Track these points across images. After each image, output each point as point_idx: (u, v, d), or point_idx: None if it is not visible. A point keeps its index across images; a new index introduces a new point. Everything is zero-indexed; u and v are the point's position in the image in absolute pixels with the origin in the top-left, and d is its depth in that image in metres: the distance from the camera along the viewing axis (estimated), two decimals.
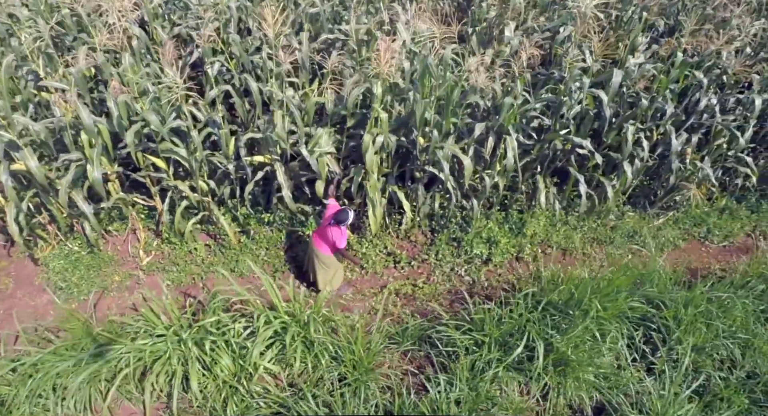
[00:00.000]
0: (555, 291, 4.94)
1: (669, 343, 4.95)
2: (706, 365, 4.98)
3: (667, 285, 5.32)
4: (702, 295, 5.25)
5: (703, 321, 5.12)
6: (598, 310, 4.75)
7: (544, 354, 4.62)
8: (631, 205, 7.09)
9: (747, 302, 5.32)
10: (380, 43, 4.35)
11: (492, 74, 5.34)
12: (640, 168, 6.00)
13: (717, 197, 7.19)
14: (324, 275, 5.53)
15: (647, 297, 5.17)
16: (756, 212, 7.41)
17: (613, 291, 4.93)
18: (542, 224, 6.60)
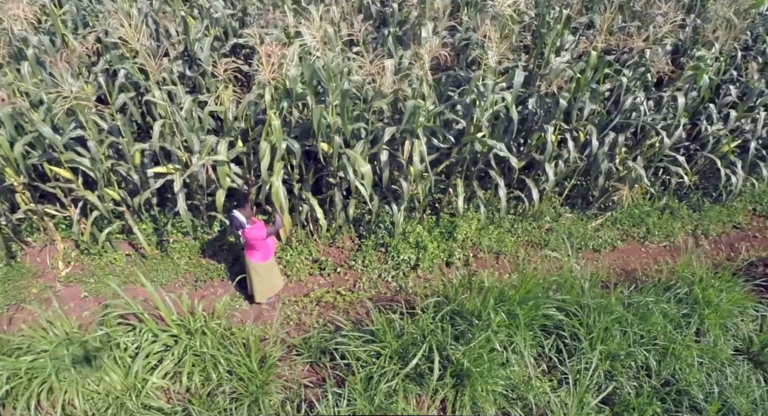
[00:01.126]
0: (456, 300, 4.73)
1: (578, 352, 4.73)
2: (621, 373, 4.76)
3: (584, 290, 5.09)
4: (618, 301, 5.03)
5: (619, 327, 4.90)
6: (503, 319, 4.54)
7: (446, 365, 4.45)
8: (570, 206, 6.88)
9: (667, 307, 5.08)
10: (263, 48, 4.15)
11: (407, 77, 5.16)
12: (565, 170, 5.78)
13: (657, 196, 6.95)
14: (258, 284, 5.36)
15: (561, 304, 4.95)
16: (698, 211, 7.16)
17: (522, 299, 4.72)
18: (473, 227, 6.39)
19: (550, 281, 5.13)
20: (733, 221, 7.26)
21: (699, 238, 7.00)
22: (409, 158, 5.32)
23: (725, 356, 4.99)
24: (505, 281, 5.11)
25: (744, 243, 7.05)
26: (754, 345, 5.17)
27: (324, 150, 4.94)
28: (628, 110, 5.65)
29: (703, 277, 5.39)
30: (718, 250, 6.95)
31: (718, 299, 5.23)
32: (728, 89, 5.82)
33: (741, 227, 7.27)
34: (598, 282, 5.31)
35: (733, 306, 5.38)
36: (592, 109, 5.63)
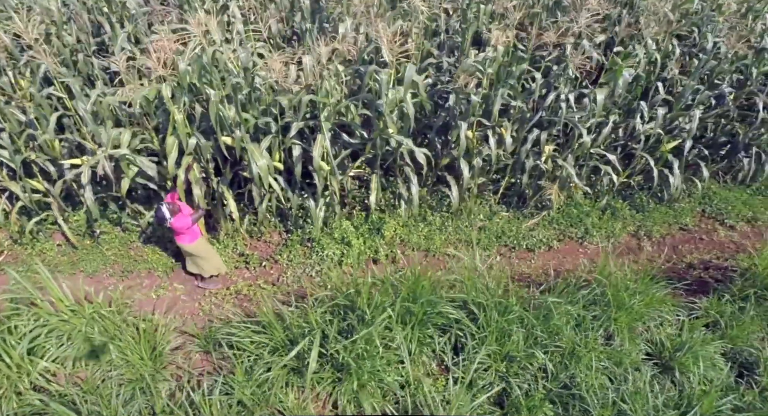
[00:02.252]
0: (345, 295, 4.66)
1: (471, 351, 4.60)
2: (516, 375, 4.61)
3: (488, 289, 4.96)
4: (519, 301, 4.88)
5: (519, 328, 4.75)
6: (389, 315, 4.46)
7: (331, 360, 4.40)
8: (506, 205, 6.72)
9: (571, 308, 4.90)
10: (151, 45, 4.17)
11: (322, 71, 5.12)
12: (483, 167, 5.65)
13: (596, 196, 6.74)
14: (195, 267, 5.46)
15: (459, 303, 4.84)
16: (641, 211, 6.92)
17: (413, 296, 4.62)
18: (401, 224, 6.31)
19: (450, 279, 5.01)
20: (679, 222, 6.99)
21: (641, 239, 6.76)
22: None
23: (632, 360, 4.80)
24: (403, 278, 5.00)
25: (689, 245, 6.79)
26: (666, 350, 4.95)
27: (228, 144, 4.94)
28: (550, 106, 5.49)
29: (618, 279, 5.19)
30: (660, 252, 6.70)
31: (631, 301, 5.03)
32: (658, 87, 5.60)
33: (688, 229, 6.99)
34: (505, 282, 5.15)
35: (648, 309, 5.18)
36: (516, 106, 5.50)
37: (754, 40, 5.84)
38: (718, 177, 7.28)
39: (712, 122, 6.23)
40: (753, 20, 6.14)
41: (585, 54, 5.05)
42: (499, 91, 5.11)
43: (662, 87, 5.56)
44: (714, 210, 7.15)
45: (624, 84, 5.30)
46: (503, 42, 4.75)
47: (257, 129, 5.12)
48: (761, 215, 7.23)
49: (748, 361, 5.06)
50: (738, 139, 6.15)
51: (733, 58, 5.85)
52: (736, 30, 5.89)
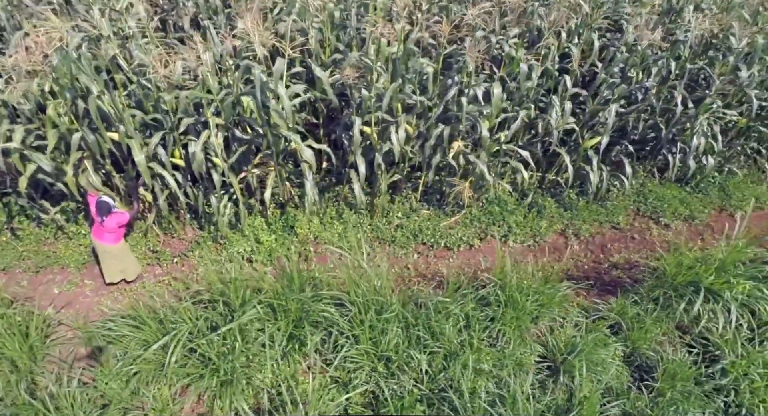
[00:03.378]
0: (218, 292, 4.54)
1: (341, 350, 4.44)
2: (393, 375, 4.43)
3: (376, 289, 4.78)
4: (400, 300, 4.70)
5: (398, 327, 4.57)
6: (257, 312, 4.32)
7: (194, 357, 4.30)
8: (426, 202, 6.52)
9: (454, 308, 4.68)
10: (21, 41, 4.11)
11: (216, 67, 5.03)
12: (394, 163, 5.46)
13: (520, 193, 6.52)
14: (110, 266, 5.40)
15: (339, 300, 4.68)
16: (570, 209, 6.65)
17: (284, 293, 4.49)
18: (316, 222, 6.17)
19: (336, 277, 4.86)
20: (611, 221, 6.71)
21: (569, 238, 6.51)
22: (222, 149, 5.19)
23: (520, 362, 4.58)
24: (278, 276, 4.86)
25: (619, 245, 6.51)
26: (559, 352, 4.72)
27: (115, 140, 4.86)
28: (454, 101, 5.30)
29: (514, 279, 4.96)
30: (588, 251, 6.45)
31: (524, 302, 4.81)
32: (565, 81, 5.35)
33: (620, 228, 6.71)
34: (396, 280, 4.98)
35: (546, 310, 4.95)
36: (418, 101, 5.31)
37: (681, 34, 5.56)
38: (654, 174, 6.98)
39: (635, 117, 5.95)
40: (676, 14, 5.85)
41: (479, 47, 4.83)
42: (391, 85, 4.92)
43: (570, 81, 5.30)
44: (649, 208, 6.86)
45: (523, 77, 5.07)
46: (388, 34, 4.57)
47: (149, 125, 5.03)
48: (699, 214, 6.92)
49: (648, 365, 4.81)
50: (662, 135, 5.86)
51: (653, 51, 5.58)
52: (659, 23, 5.63)
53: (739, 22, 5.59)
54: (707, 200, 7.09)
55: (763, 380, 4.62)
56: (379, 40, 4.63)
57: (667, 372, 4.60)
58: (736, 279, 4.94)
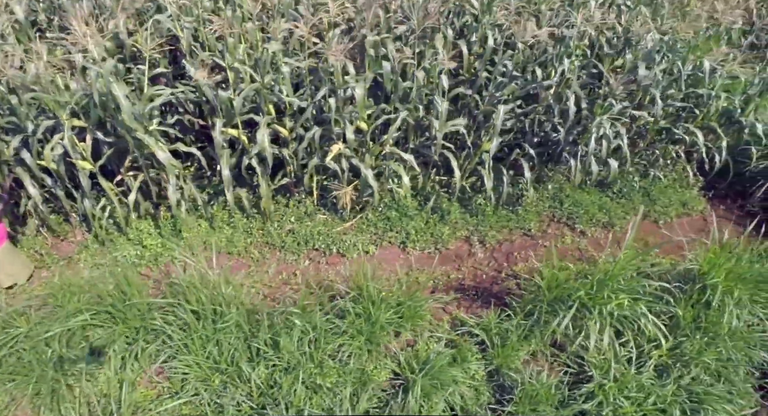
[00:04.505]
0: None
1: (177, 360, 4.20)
2: (226, 386, 4.17)
3: (224, 299, 4.52)
4: (242, 308, 4.42)
5: (238, 338, 4.29)
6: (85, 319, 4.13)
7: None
8: (323, 207, 6.21)
9: (298, 321, 4.36)
10: None
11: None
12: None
13: (424, 197, 6.14)
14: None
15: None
16: (477, 215, 6.25)
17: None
18: (204, 226, 5.93)
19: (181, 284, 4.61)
20: (522, 227, 6.29)
21: (474, 245, 6.12)
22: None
23: (363, 379, 4.26)
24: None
25: (526, 253, 6.09)
26: (409, 369, 4.37)
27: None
28: (323, 102, 4.98)
29: (373, 289, 4.63)
30: (492, 259, 6.04)
31: (384, 314, 4.48)
32: (442, 80, 4.96)
33: (531, 235, 6.29)
34: (256, 289, 4.70)
35: (409, 324, 4.61)
36: (288, 102, 5.01)
37: (567, 30, 5.11)
38: (569, 179, 6.51)
39: (533, 119, 5.53)
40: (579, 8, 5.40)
41: (342, 44, 4.50)
42: (249, 86, 4.63)
43: (446, 80, 4.91)
44: (564, 214, 6.41)
45: (387, 76, 4.71)
46: (229, 33, 4.28)
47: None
48: (619, 220, 6.43)
49: (510, 386, 4.42)
50: (560, 137, 5.42)
51: (541, 49, 5.15)
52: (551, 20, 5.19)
53: (639, 17, 5.10)
54: (630, 206, 6.59)
55: (634, 406, 4.19)
56: (226, 40, 4.35)
57: (526, 393, 4.22)
58: (615, 294, 4.50)
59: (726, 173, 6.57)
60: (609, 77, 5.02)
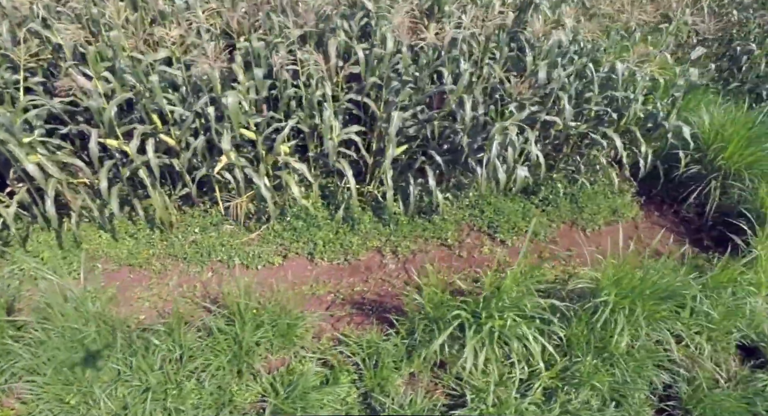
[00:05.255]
0: None
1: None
2: (89, 410, 3.97)
3: (86, 313, 4.31)
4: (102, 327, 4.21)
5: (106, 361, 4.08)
6: None
7: None
8: (230, 216, 5.97)
9: (159, 342, 4.15)
10: None
11: None
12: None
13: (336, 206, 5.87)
14: None
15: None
16: (390, 225, 5.96)
17: None
18: (105, 237, 5.73)
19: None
20: (439, 237, 6.00)
21: (386, 256, 5.85)
22: None
23: (228, 400, 4.02)
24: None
25: (441, 264, 5.80)
26: (274, 393, 4.12)
27: None
28: (203, 111, 4.74)
29: (242, 307, 4.38)
30: (403, 270, 5.77)
31: (254, 332, 4.24)
32: (325, 88, 4.69)
33: (448, 245, 5.99)
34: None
35: (282, 343, 4.36)
36: (171, 110, 4.79)
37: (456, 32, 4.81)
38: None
39: (437, 125, 5.23)
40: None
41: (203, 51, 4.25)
42: (119, 95, 4.41)
43: (329, 86, 4.64)
44: (485, 223, 6.11)
45: (259, 83, 4.45)
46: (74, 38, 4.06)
47: None
48: (542, 229, 6.12)
49: (378, 409, 4.15)
50: (463, 143, 5.13)
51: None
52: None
53: (537, 15, 4.77)
54: (556, 214, 6.27)
55: None
56: (87, 49, 4.13)
57: None
58: (501, 312, 4.21)
59: (660, 177, 6.25)
60: (505, 81, 4.70)
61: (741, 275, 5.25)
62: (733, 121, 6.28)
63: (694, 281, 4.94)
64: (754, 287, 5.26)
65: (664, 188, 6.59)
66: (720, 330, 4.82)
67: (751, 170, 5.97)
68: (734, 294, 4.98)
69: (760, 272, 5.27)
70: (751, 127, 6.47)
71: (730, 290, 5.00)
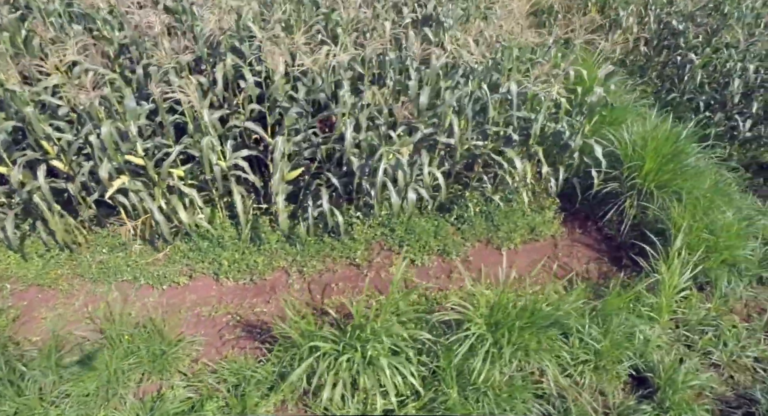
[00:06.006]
0: None
1: None
2: None
3: None
4: None
5: None
6: None
7: None
8: (138, 236, 6.04)
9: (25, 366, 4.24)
10: None
11: None
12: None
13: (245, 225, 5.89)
14: None
15: None
16: (297, 244, 5.95)
17: None
18: (14, 257, 5.85)
19: None
20: (348, 256, 5.98)
21: (292, 276, 5.86)
22: None
23: None
24: None
25: (347, 284, 5.79)
26: None
27: None
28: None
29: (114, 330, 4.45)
30: (308, 291, 5.77)
31: (121, 360, 4.30)
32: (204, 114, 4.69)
33: (357, 264, 5.97)
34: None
35: (152, 371, 4.41)
36: (54, 136, 4.85)
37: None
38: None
39: (327, 148, 5.21)
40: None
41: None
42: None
43: (207, 113, 4.65)
44: (396, 242, 6.07)
45: (133, 113, 4.48)
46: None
47: None
48: (456, 248, 6.06)
49: None
50: (354, 166, 5.10)
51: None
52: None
53: (417, 40, 4.70)
54: (471, 232, 6.20)
55: None
56: None
57: None
58: (366, 343, 4.18)
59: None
60: (383, 105, 4.66)
61: (640, 300, 5.15)
62: (653, 137, 6.13)
63: (585, 307, 4.87)
64: (655, 312, 5.15)
65: (588, 204, 6.47)
66: (609, 359, 4.72)
67: (664, 189, 5.82)
68: (627, 320, 4.87)
69: (662, 296, 5.15)
70: (675, 141, 6.32)
71: (623, 316, 4.89)
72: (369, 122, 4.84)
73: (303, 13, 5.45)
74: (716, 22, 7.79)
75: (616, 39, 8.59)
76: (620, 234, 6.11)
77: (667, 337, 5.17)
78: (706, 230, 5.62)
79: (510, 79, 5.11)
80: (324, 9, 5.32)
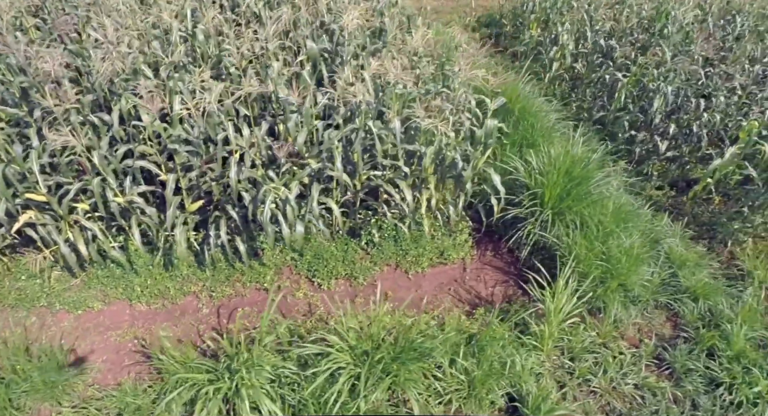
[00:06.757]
0: None
1: None
2: None
3: None
4: None
5: None
6: None
7: None
8: (58, 263, 6.38)
9: None
10: None
11: None
12: None
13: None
14: None
15: None
16: (206, 269, 6.23)
17: None
18: None
19: None
20: (258, 281, 6.26)
21: (202, 300, 6.15)
22: None
23: None
24: None
25: (252, 308, 6.06)
26: None
27: None
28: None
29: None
30: (216, 315, 6.05)
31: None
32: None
33: (265, 289, 6.25)
34: None
35: (42, 397, 4.73)
36: None
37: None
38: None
39: (219, 184, 5.47)
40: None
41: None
42: None
43: (105, 143, 4.94)
44: (305, 267, 6.33)
45: (17, 156, 4.78)
46: None
47: None
48: (364, 272, 6.30)
49: None
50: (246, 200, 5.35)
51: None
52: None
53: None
54: (380, 257, 6.43)
55: None
56: None
57: None
58: (242, 378, 4.46)
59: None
60: (261, 145, 4.89)
61: (528, 327, 5.35)
62: (561, 163, 6.27)
63: (460, 337, 5.09)
64: (540, 340, 5.35)
65: (503, 226, 6.64)
66: (483, 388, 4.94)
67: (563, 216, 5.99)
68: (503, 349, 5.08)
69: (547, 324, 5.34)
70: (585, 165, 6.46)
71: (501, 344, 5.11)
72: (255, 160, 5.09)
73: (204, 47, 5.69)
74: (646, 40, 7.88)
75: (553, 56, 8.70)
76: (521, 260, 6.30)
77: (550, 364, 5.37)
78: (602, 256, 5.78)
79: (397, 114, 5.30)
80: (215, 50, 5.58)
